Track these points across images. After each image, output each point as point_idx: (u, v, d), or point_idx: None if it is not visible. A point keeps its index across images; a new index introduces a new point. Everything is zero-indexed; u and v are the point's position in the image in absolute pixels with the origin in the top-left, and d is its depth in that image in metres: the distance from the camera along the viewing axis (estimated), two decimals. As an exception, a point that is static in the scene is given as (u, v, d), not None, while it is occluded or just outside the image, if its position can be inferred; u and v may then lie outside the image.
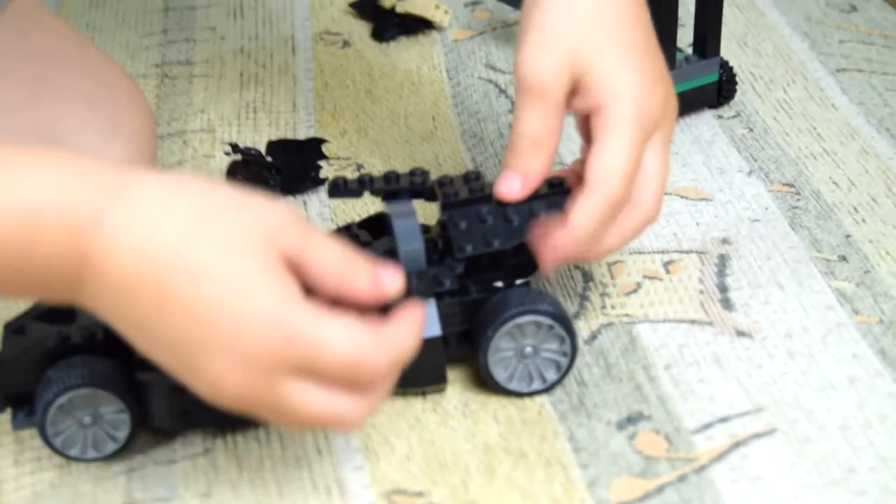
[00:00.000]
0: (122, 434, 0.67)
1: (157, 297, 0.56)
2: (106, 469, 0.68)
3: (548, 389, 0.73)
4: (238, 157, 0.91)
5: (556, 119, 0.69)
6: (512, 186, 0.70)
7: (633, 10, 0.71)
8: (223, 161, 0.92)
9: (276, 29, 1.10)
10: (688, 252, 0.84)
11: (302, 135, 0.97)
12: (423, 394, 0.73)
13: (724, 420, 0.71)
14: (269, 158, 0.92)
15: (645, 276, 0.82)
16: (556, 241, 0.68)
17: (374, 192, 0.71)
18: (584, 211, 0.68)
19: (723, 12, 0.97)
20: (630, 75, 0.69)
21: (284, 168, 0.91)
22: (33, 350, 0.66)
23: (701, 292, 0.81)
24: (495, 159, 0.93)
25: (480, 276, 0.71)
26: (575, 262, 0.71)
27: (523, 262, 0.71)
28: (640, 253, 0.84)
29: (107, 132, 0.84)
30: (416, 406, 0.72)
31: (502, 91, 1.02)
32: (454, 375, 0.74)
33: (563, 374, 0.72)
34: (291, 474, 0.68)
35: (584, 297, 0.80)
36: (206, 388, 0.58)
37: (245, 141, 0.96)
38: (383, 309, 0.60)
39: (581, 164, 0.71)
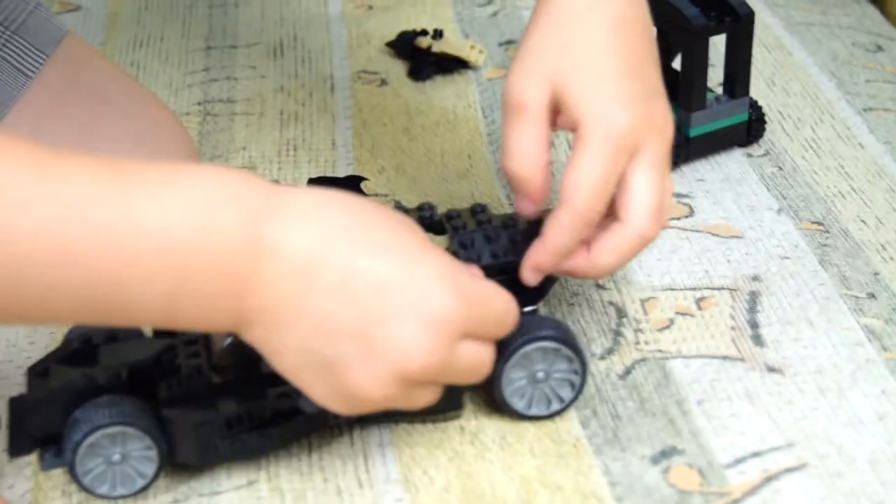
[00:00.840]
0: (150, 470, 0.68)
1: (339, 276, 0.58)
2: (152, 499, 0.69)
3: (567, 407, 0.74)
4: None
5: (540, 138, 0.70)
6: (525, 206, 0.72)
7: (628, 29, 0.71)
8: None
9: (314, 68, 1.12)
10: (719, 289, 0.85)
11: (341, 172, 0.98)
12: (442, 420, 0.74)
13: (756, 455, 0.72)
14: None
15: (677, 313, 0.83)
16: (534, 253, 0.71)
17: None
18: (555, 224, 0.69)
19: (752, 53, 0.97)
20: (605, 94, 0.69)
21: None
22: (60, 392, 0.67)
23: (732, 328, 0.81)
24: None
25: None
26: (574, 276, 0.73)
27: (529, 289, 0.72)
28: (672, 290, 0.85)
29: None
30: (455, 439, 0.73)
31: None
32: (491, 409, 0.75)
33: (579, 390, 0.73)
34: (333, 506, 0.69)
35: (618, 333, 0.81)
36: (396, 359, 0.59)
37: (285, 178, 0.97)
38: None
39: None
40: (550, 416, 0.74)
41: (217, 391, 0.67)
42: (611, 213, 0.70)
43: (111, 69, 0.96)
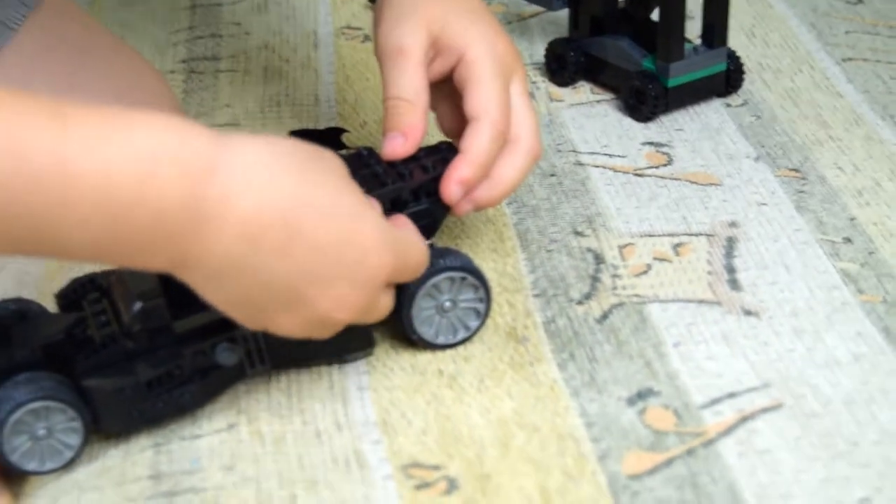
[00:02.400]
0: (76, 441, 0.66)
1: (282, 237, 0.58)
2: (134, 443, 0.68)
3: (472, 335, 0.74)
4: None
5: (423, 77, 0.73)
6: (396, 145, 0.73)
7: None
8: None
9: (298, 24, 1.11)
10: (697, 235, 0.84)
11: (324, 127, 0.96)
12: (353, 360, 0.74)
13: (731, 395, 0.71)
14: None
15: (655, 258, 0.82)
16: (458, 169, 0.72)
17: None
18: (476, 138, 0.72)
19: (730, 4, 0.97)
20: (478, 27, 0.74)
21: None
22: None
23: (709, 273, 0.80)
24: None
25: None
26: (485, 206, 0.74)
27: (427, 224, 0.73)
28: (650, 236, 0.84)
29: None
30: (433, 383, 0.72)
31: None
32: (469, 351, 0.74)
33: (484, 318, 0.74)
34: (312, 448, 0.68)
35: (595, 279, 0.80)
36: (324, 312, 0.62)
37: (270, 132, 0.95)
38: None
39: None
40: (456, 345, 0.74)
41: (132, 356, 0.66)
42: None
43: (95, 25, 0.95)
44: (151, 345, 0.66)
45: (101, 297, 0.68)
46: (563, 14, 1.04)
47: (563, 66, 1.01)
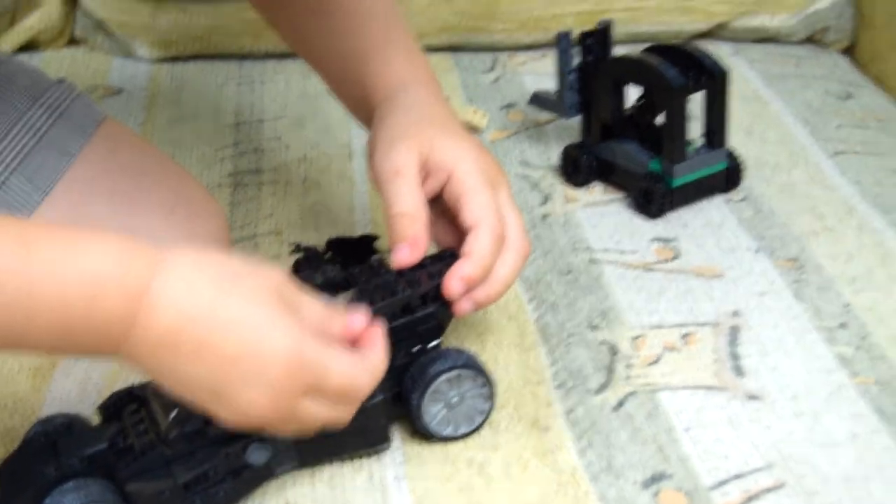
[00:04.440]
0: None
1: (195, 347, 0.62)
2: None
3: (488, 416, 0.76)
4: (301, 255, 0.94)
5: (420, 194, 0.76)
6: (404, 255, 0.75)
7: (448, 110, 0.83)
8: (289, 259, 0.95)
9: (334, 138, 1.13)
10: (703, 325, 0.86)
11: (359, 233, 0.98)
12: (374, 453, 0.75)
13: (738, 476, 0.73)
14: (328, 255, 0.94)
15: (665, 348, 0.84)
16: (460, 267, 0.75)
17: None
18: (478, 243, 0.75)
19: (729, 106, 0.99)
20: (463, 147, 0.78)
21: (342, 263, 0.92)
22: (30, 487, 0.68)
23: (715, 361, 0.83)
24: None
25: (400, 344, 0.74)
26: (484, 304, 0.76)
27: (433, 326, 0.75)
28: (660, 327, 0.86)
29: (185, 237, 0.89)
30: (463, 472, 0.74)
31: (535, 185, 1.05)
32: (496, 440, 0.76)
33: (493, 398, 0.76)
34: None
35: (610, 370, 0.82)
36: (237, 414, 0.64)
37: (309, 240, 0.98)
38: None
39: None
40: (477, 429, 0.76)
41: (170, 460, 0.69)
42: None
43: (146, 147, 0.98)
44: (187, 449, 0.69)
45: (138, 408, 0.71)
46: (576, 121, 1.06)
47: (576, 168, 1.04)
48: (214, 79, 1.26)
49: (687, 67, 0.98)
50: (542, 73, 1.17)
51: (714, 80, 0.98)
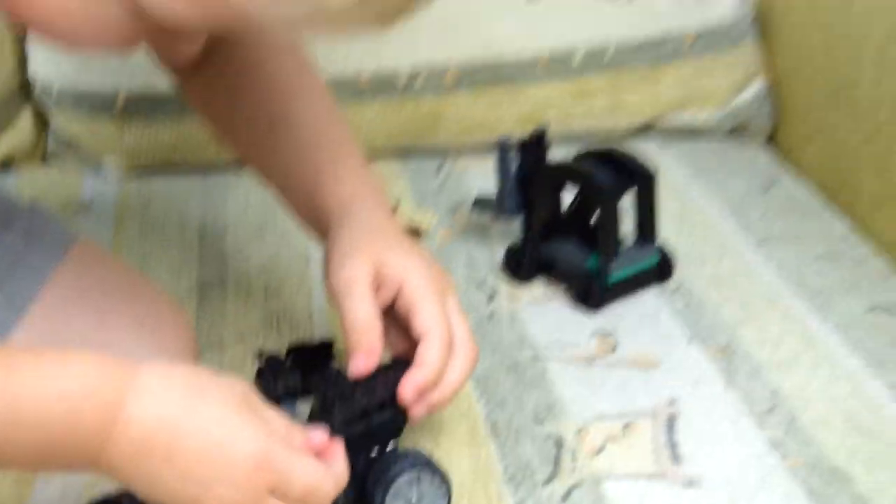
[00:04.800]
0: None
1: (167, 453, 0.67)
2: None
3: None
4: (263, 362, 0.92)
5: (373, 305, 0.79)
6: (360, 364, 0.79)
7: (395, 224, 0.86)
8: (254, 364, 0.92)
9: (292, 246, 1.15)
10: (642, 415, 0.90)
11: (318, 337, 1.00)
12: None
13: (678, 560, 0.76)
14: (289, 361, 0.93)
15: (607, 439, 0.87)
16: (415, 378, 0.78)
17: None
18: (429, 351, 0.78)
19: (658, 202, 1.03)
20: (413, 259, 0.82)
21: (302, 370, 0.91)
22: None
23: (654, 450, 0.86)
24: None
25: (359, 449, 0.78)
26: (437, 408, 0.80)
27: (390, 430, 0.79)
28: (602, 419, 0.90)
29: (154, 349, 0.92)
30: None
31: (481, 284, 1.08)
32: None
33: (450, 492, 0.79)
34: None
35: (557, 462, 0.86)
36: None
37: (271, 345, 1.00)
38: None
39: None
40: None
41: None
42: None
43: (115, 264, 1.00)
44: None
45: None
46: (519, 221, 1.09)
47: (519, 267, 1.07)
48: (180, 191, 1.28)
49: (617, 170, 1.02)
50: (487, 174, 1.18)
51: (643, 181, 1.03)
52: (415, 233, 1.17)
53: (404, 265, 0.81)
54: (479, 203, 1.13)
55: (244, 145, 0.94)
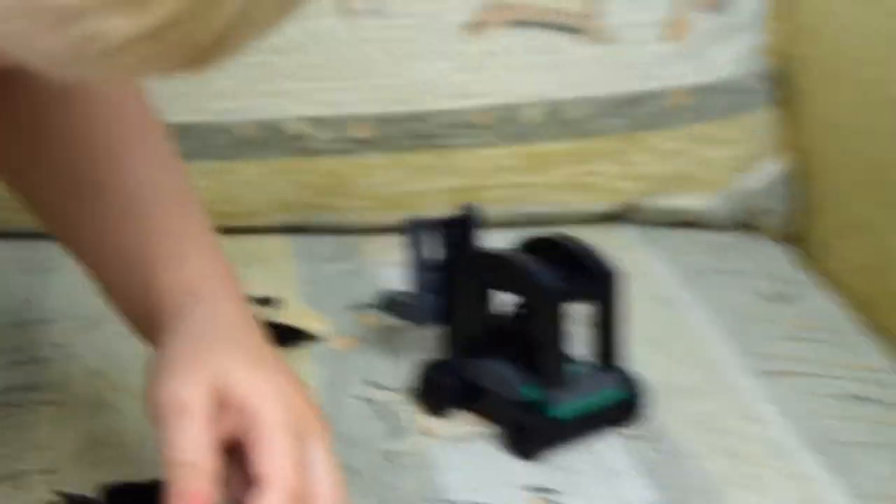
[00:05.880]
0: None
1: None
2: None
3: None
4: None
5: (207, 438, 0.74)
6: None
7: (251, 325, 0.82)
8: None
9: (134, 343, 1.04)
10: None
11: (150, 474, 0.88)
12: None
13: None
14: None
15: None
16: None
17: None
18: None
19: (629, 313, 0.96)
20: (269, 380, 0.77)
21: None
22: None
23: None
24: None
25: None
26: None
27: None
28: None
29: None
30: None
31: (381, 413, 1.00)
32: None
33: None
34: None
35: None
36: None
37: (88, 480, 0.90)
38: None
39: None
40: None
41: None
42: None
43: None
44: None
45: None
46: (437, 331, 1.03)
47: (434, 392, 0.99)
48: (-1, 263, 1.24)
49: (570, 268, 0.95)
50: (402, 264, 1.13)
51: (602, 282, 0.96)
52: (297, 335, 1.11)
53: (255, 387, 0.76)
54: (388, 303, 1.06)
55: (46, 212, 0.91)
